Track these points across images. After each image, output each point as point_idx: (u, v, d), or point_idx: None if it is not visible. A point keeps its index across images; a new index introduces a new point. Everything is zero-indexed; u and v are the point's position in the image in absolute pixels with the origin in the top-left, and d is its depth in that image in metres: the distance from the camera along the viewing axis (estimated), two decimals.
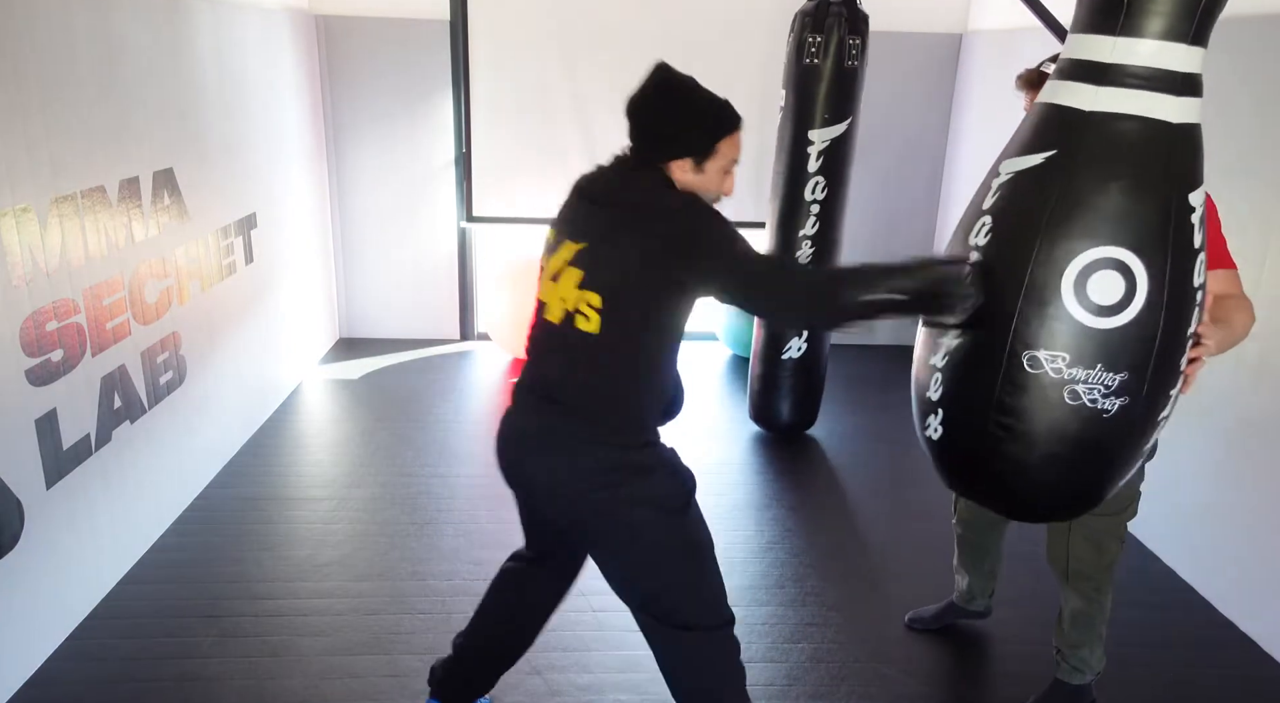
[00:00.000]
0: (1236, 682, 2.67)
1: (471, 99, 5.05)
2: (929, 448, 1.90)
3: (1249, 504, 2.86)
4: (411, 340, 5.44)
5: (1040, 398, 1.67)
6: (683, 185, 1.86)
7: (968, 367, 1.75)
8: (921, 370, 1.88)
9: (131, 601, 2.85)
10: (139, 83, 3.03)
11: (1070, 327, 1.63)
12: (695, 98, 1.88)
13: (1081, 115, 1.62)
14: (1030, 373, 1.66)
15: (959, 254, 1.80)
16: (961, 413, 1.78)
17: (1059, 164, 1.63)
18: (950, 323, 1.77)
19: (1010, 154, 1.74)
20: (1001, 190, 1.72)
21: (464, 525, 3.37)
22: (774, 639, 2.78)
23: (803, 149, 3.79)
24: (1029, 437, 1.71)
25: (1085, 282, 1.61)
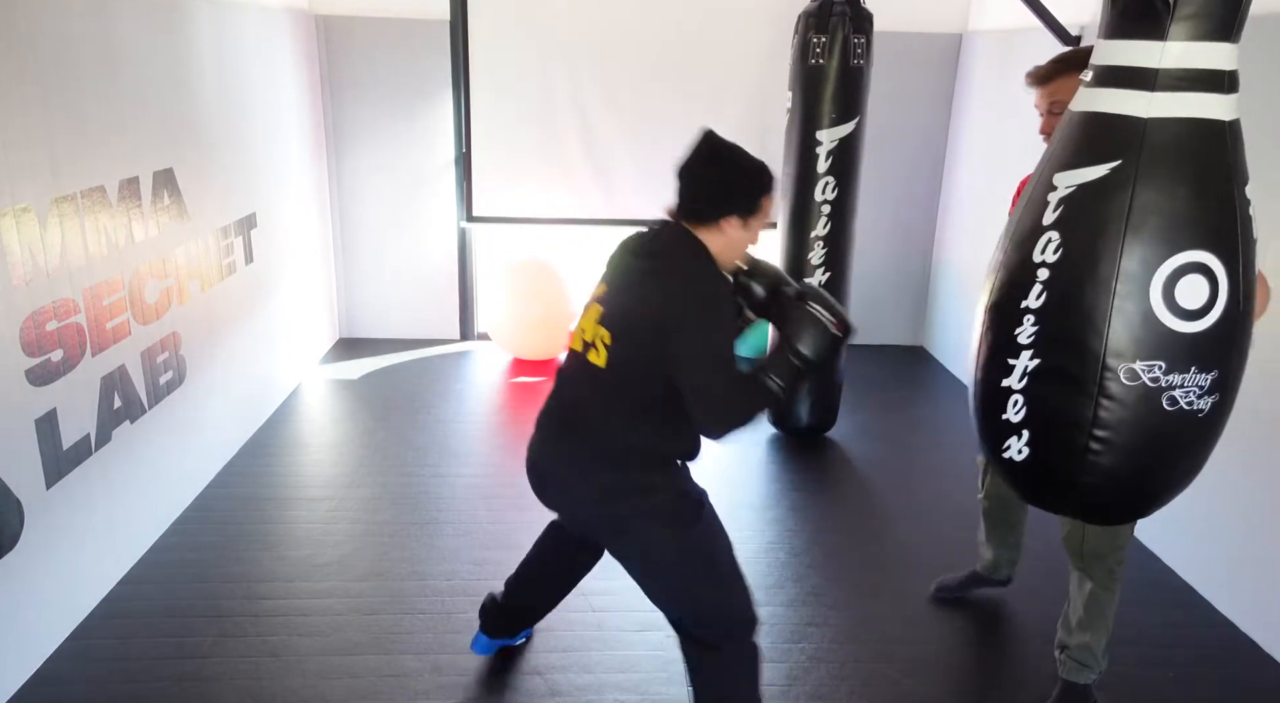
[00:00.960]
0: (1236, 682, 2.67)
1: (471, 99, 5.05)
2: (1006, 469, 1.87)
3: (1249, 504, 2.86)
4: (411, 340, 5.44)
5: (1141, 409, 1.69)
6: (725, 242, 2.03)
7: (1056, 385, 1.73)
8: (990, 393, 1.83)
9: (131, 601, 2.85)
10: (139, 83, 3.04)
11: (1163, 334, 1.65)
12: (744, 161, 2.03)
13: (1139, 122, 1.62)
14: (1128, 385, 1.67)
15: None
16: (1052, 432, 1.76)
17: (1125, 174, 1.63)
18: None
19: (1062, 166, 1.71)
20: (1065, 205, 1.69)
21: (464, 525, 3.37)
22: (774, 639, 2.78)
23: (811, 150, 3.81)
24: (1127, 448, 1.72)
25: (1173, 288, 1.64)
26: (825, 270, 3.96)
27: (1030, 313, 1.73)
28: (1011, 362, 1.77)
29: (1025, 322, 1.74)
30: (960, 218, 5.13)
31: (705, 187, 2.01)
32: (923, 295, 5.55)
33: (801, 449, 4.16)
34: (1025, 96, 2.55)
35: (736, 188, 2.00)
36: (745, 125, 5.12)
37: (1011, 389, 1.78)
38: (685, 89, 5.01)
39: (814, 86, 3.73)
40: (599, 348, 2.00)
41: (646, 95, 5.03)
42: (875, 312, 5.44)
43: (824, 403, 4.18)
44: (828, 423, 4.25)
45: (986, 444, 1.90)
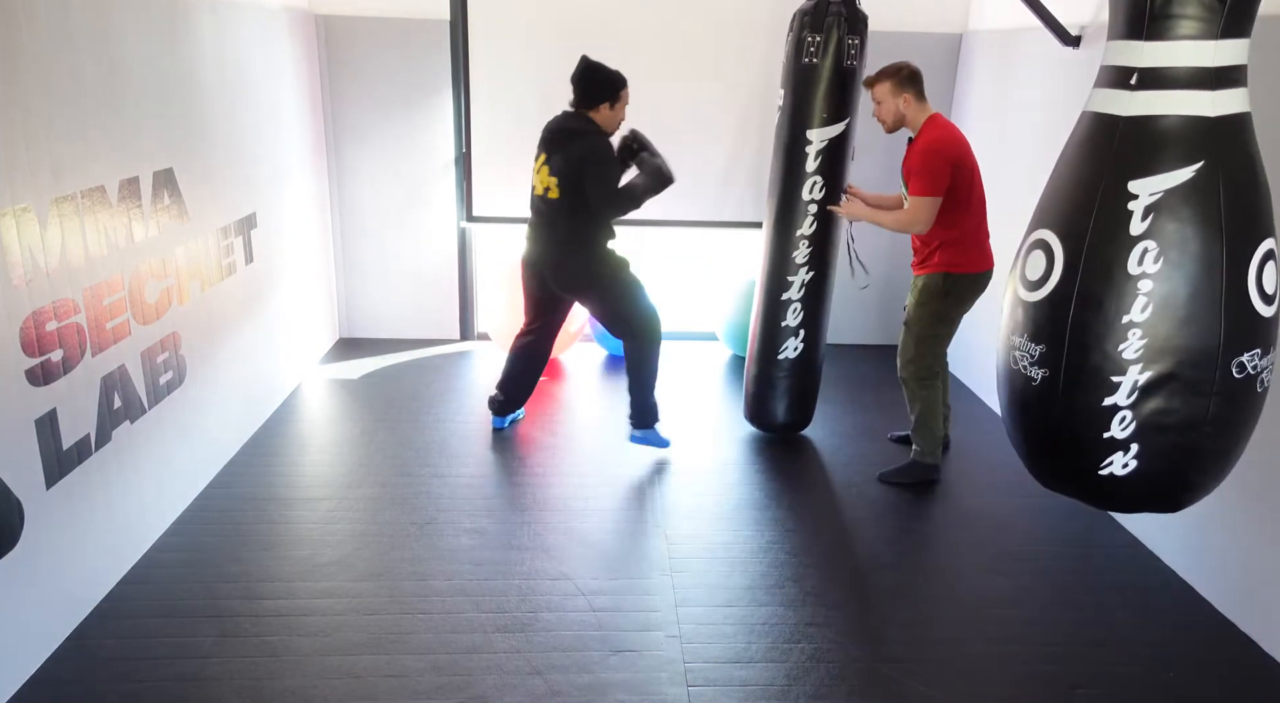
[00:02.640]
0: (1237, 682, 2.67)
1: (471, 99, 5.05)
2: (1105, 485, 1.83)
3: (1249, 505, 2.86)
4: (411, 340, 5.44)
5: (1244, 398, 1.72)
6: (602, 118, 3.69)
7: (1169, 396, 1.72)
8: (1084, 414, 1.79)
9: (131, 601, 2.85)
10: (139, 83, 3.04)
11: (1257, 322, 1.69)
12: (606, 70, 3.67)
13: (1208, 121, 1.65)
14: (1237, 379, 1.70)
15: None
16: (1166, 441, 1.75)
17: (1208, 173, 1.65)
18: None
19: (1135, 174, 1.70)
20: (1155, 213, 1.68)
21: (464, 525, 3.37)
22: (774, 639, 2.78)
23: (801, 148, 3.78)
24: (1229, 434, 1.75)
25: (1261, 277, 1.67)
26: (809, 269, 3.92)
27: (1135, 327, 1.70)
28: (1117, 379, 1.74)
29: (1130, 336, 1.71)
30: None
31: (586, 88, 3.65)
32: None
33: (801, 450, 4.16)
34: (1025, 97, 2.56)
35: (603, 87, 3.65)
36: (745, 124, 5.14)
37: (1118, 406, 1.75)
38: (685, 88, 5.01)
39: (806, 85, 3.71)
40: (553, 189, 3.69)
41: (646, 95, 5.02)
42: (871, 312, 5.45)
43: (803, 401, 4.16)
44: (804, 420, 4.25)
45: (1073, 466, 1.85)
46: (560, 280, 3.84)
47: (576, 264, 3.77)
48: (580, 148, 3.58)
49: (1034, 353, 1.84)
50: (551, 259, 3.80)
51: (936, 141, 3.43)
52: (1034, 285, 1.85)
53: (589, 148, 3.58)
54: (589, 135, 3.61)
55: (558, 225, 3.73)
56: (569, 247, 3.76)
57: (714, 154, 5.17)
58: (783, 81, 3.80)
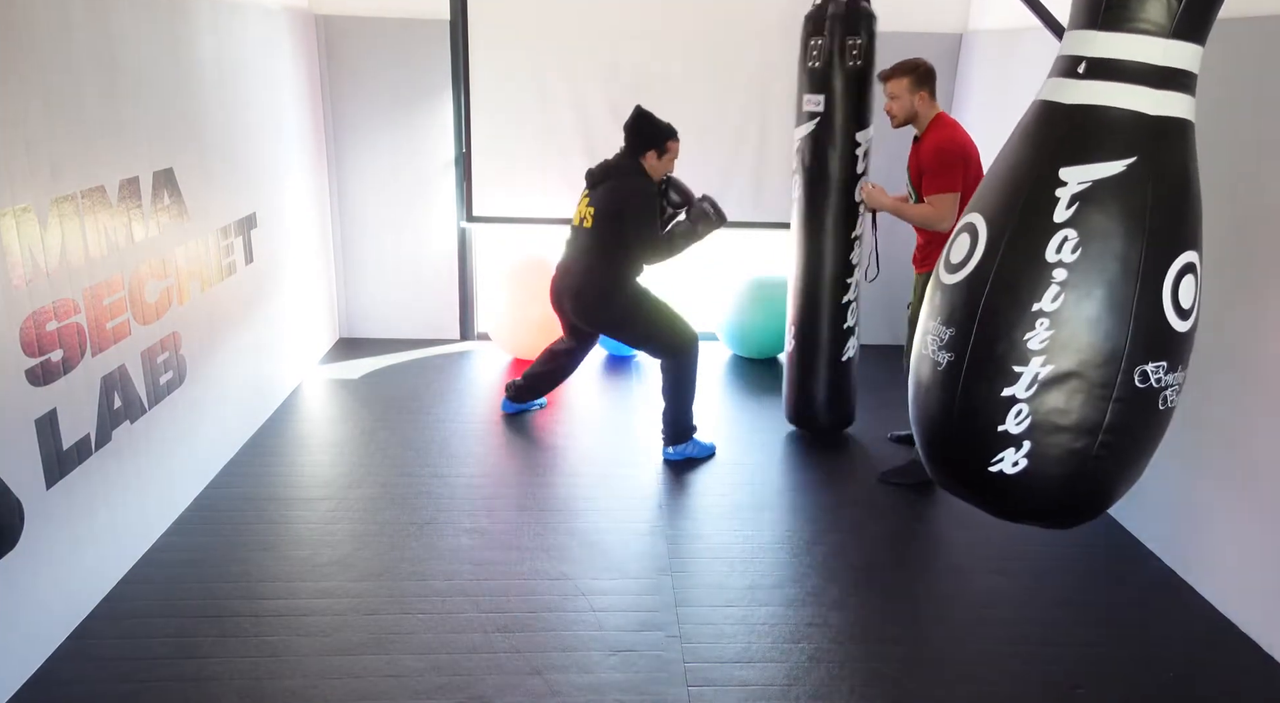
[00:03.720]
0: (1236, 682, 2.67)
1: (471, 99, 5.05)
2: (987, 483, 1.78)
3: (1249, 504, 2.86)
4: (411, 340, 5.44)
5: (1145, 411, 1.67)
6: (650, 166, 3.79)
7: (1069, 395, 1.66)
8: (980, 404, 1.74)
9: (131, 601, 2.85)
10: (139, 83, 3.03)
11: (1168, 334, 1.64)
12: (654, 120, 3.80)
13: (1147, 119, 1.61)
14: (1139, 388, 1.64)
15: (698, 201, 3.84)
16: (1059, 443, 1.70)
17: (1139, 170, 1.61)
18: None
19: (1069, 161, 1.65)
20: (1080, 202, 1.63)
21: (464, 525, 3.37)
22: (774, 639, 2.78)
23: (852, 151, 3.86)
24: (1126, 450, 1.70)
25: (1177, 288, 1.63)
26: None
27: (1044, 316, 1.65)
28: (1018, 369, 1.68)
29: (1038, 326, 1.66)
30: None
31: (634, 137, 3.78)
32: None
33: (802, 450, 4.16)
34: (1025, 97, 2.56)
35: (650, 137, 3.76)
36: (745, 124, 5.14)
37: (1015, 398, 1.69)
38: (685, 89, 5.01)
39: (853, 89, 3.78)
40: (589, 219, 3.81)
41: (647, 95, 5.02)
42: (875, 312, 5.44)
43: (840, 401, 4.19)
44: (845, 419, 4.27)
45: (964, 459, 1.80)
46: (578, 311, 3.87)
47: (594, 295, 3.81)
48: (622, 187, 3.72)
49: (944, 337, 1.79)
50: (571, 288, 3.84)
51: (950, 140, 3.45)
52: (954, 268, 1.81)
53: (630, 188, 3.71)
54: (632, 176, 3.74)
55: (586, 255, 3.80)
56: (590, 276, 3.80)
57: (714, 155, 5.16)
58: (816, 86, 3.79)
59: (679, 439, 3.95)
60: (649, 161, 3.75)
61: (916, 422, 1.91)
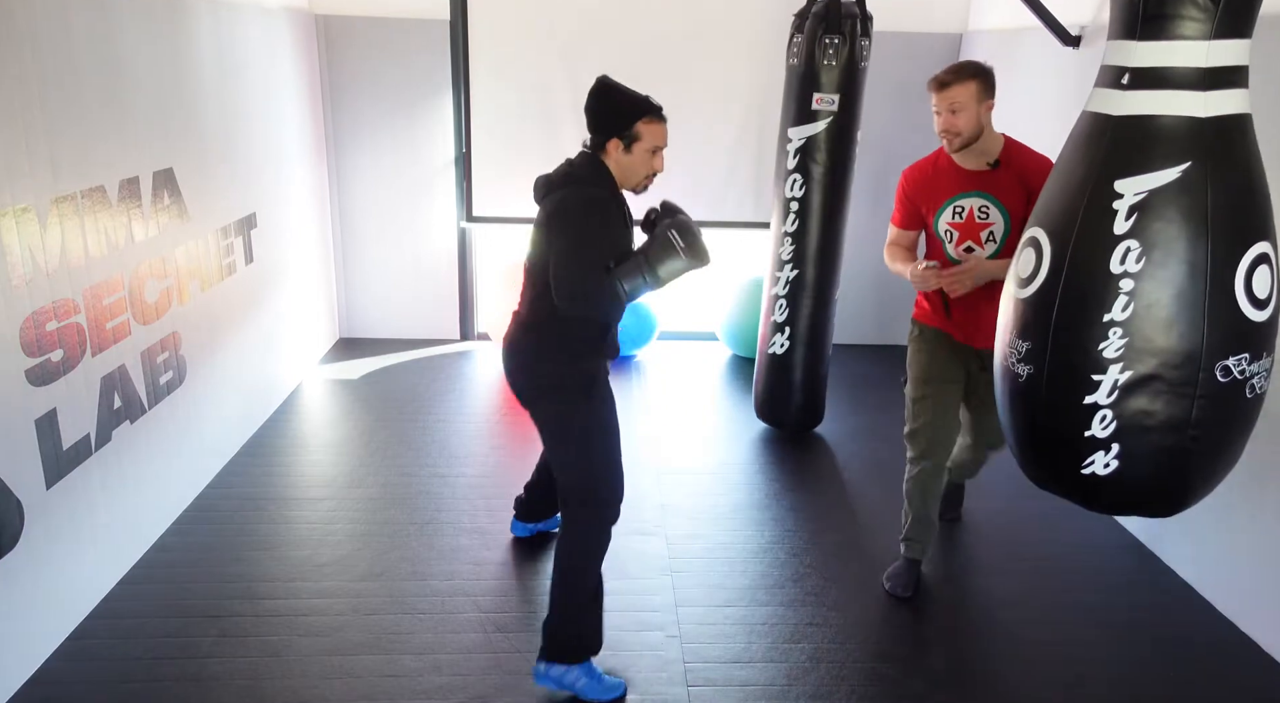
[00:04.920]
0: (1237, 682, 2.67)
1: (471, 99, 5.05)
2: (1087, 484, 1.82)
3: (1249, 505, 2.86)
4: (411, 340, 5.44)
5: (1232, 402, 1.70)
6: (617, 165, 2.46)
7: (1151, 398, 1.70)
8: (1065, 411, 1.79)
9: (131, 601, 2.85)
10: (139, 83, 3.03)
11: (1246, 327, 1.67)
12: (619, 92, 2.49)
13: (1199, 122, 1.63)
14: (1223, 383, 1.68)
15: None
16: (1148, 442, 1.74)
17: (1196, 174, 1.64)
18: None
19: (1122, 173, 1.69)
20: (1139, 213, 1.67)
21: (464, 525, 3.37)
22: (774, 639, 2.78)
23: (853, 149, 3.92)
24: (1218, 440, 1.74)
25: (1250, 280, 1.66)
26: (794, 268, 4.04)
27: (1116, 326, 1.70)
28: (1097, 378, 1.73)
29: (1111, 335, 1.70)
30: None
31: (590, 117, 2.49)
32: None
33: (801, 450, 4.16)
34: (1025, 97, 2.55)
35: (610, 114, 2.44)
36: (746, 124, 5.14)
37: (1098, 405, 1.74)
38: (685, 89, 5.01)
39: (857, 89, 3.82)
40: (531, 254, 2.50)
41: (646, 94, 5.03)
42: (871, 312, 5.45)
43: (810, 400, 4.20)
44: (814, 420, 4.28)
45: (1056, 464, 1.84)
46: (507, 371, 2.62)
47: (522, 360, 2.55)
48: (554, 201, 2.43)
49: (1021, 350, 1.84)
50: (505, 343, 2.62)
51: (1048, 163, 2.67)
52: (1024, 283, 1.85)
53: (562, 201, 2.41)
54: (576, 184, 2.43)
55: (522, 303, 2.58)
56: (520, 333, 2.55)
57: (713, 154, 5.17)
58: (833, 86, 3.80)
59: (560, 654, 2.50)
60: (614, 158, 2.45)
61: (1008, 429, 1.97)
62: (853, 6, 3.73)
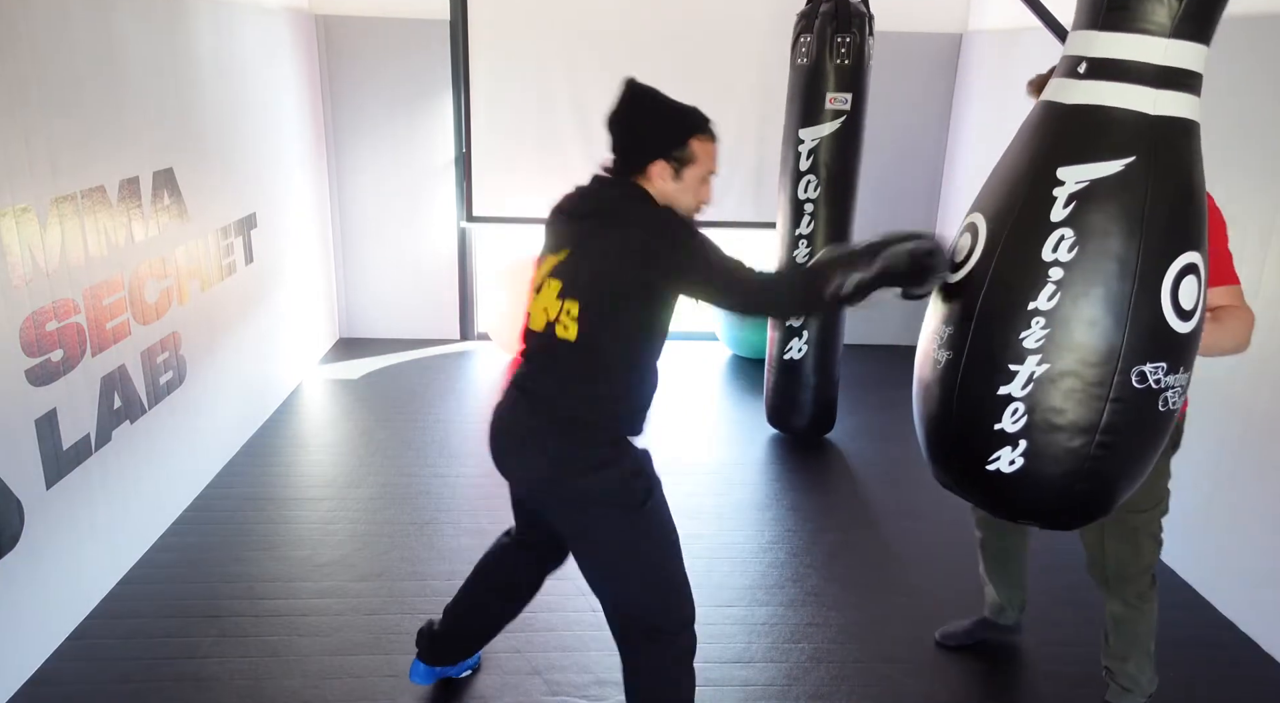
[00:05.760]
0: (1236, 682, 2.67)
1: (471, 99, 5.05)
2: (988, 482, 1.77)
3: (1249, 504, 2.86)
4: (411, 340, 5.44)
5: (1144, 411, 1.66)
6: (661, 195, 1.94)
7: (1064, 394, 1.66)
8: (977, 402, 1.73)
9: (131, 601, 2.85)
10: (139, 83, 3.03)
11: (1167, 335, 1.63)
12: (665, 102, 1.98)
13: (1147, 119, 1.60)
14: (1137, 389, 1.64)
15: (920, 232, 1.88)
16: (1055, 442, 1.69)
17: (1138, 170, 1.60)
18: (918, 294, 1.84)
19: (1066, 160, 1.66)
20: (1078, 201, 1.63)
21: (464, 525, 3.37)
22: (774, 639, 2.78)
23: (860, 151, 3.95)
24: (1126, 451, 1.69)
25: (1177, 288, 1.62)
26: None
27: (1040, 315, 1.65)
28: (1014, 368, 1.68)
29: (1034, 324, 1.66)
30: (959, 217, 5.12)
31: (625, 133, 1.98)
32: None
33: (801, 449, 4.16)
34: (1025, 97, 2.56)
35: (657, 130, 1.95)
36: (746, 125, 5.13)
37: (1011, 397, 1.69)
38: (686, 89, 4.98)
39: (865, 88, 3.85)
40: (565, 322, 1.92)
41: None
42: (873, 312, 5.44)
43: (822, 405, 4.19)
44: (826, 425, 4.26)
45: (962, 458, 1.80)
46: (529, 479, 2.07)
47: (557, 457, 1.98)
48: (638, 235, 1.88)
49: (944, 335, 1.80)
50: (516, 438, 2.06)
51: None
52: (956, 267, 1.82)
53: (657, 227, 1.89)
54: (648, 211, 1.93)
55: (557, 381, 1.98)
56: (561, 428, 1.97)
57: None
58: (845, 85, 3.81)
59: None
60: (657, 186, 1.94)
61: (918, 419, 1.92)
62: (860, 5, 3.73)
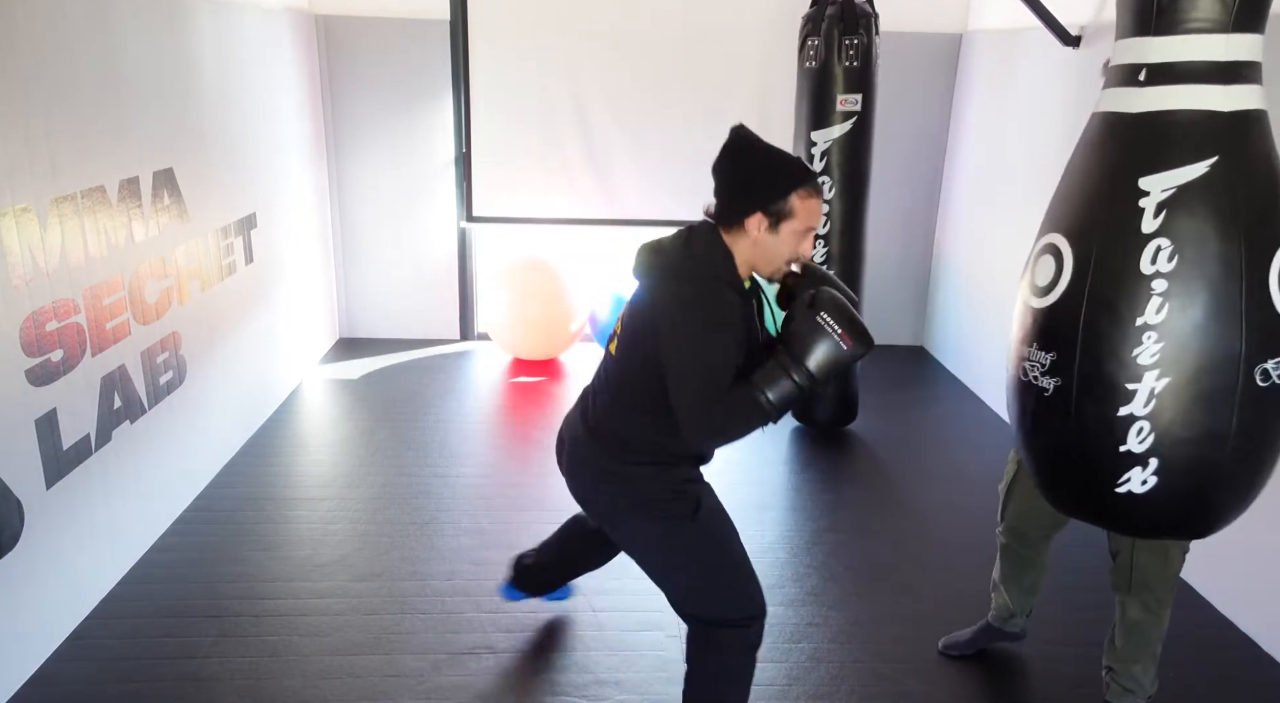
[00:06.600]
0: (1237, 682, 2.67)
1: (471, 99, 5.05)
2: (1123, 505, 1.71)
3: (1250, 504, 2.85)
4: (411, 340, 5.44)
5: (1271, 410, 1.62)
6: (754, 245, 1.95)
7: (1190, 406, 1.60)
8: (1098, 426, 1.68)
9: (131, 601, 2.85)
10: (139, 83, 3.03)
11: None
12: (768, 152, 1.98)
13: (1221, 116, 1.59)
14: (1262, 387, 1.60)
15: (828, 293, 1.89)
16: (1189, 454, 1.64)
17: (1224, 168, 1.58)
18: None
19: (1145, 170, 1.62)
20: (1168, 210, 1.60)
21: (464, 525, 3.37)
22: (774, 639, 2.77)
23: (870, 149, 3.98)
24: (1256, 453, 1.65)
25: None
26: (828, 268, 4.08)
27: (1151, 330, 1.60)
28: (1132, 387, 1.62)
29: (1145, 340, 1.60)
30: (961, 218, 5.13)
31: (725, 181, 1.99)
32: (923, 296, 5.55)
33: (802, 449, 4.16)
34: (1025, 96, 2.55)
35: (755, 182, 1.94)
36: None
37: (1134, 416, 1.63)
38: (686, 89, 5.01)
39: (874, 88, 3.88)
40: (616, 337, 2.09)
41: (647, 95, 5.02)
42: (876, 312, 5.43)
43: (844, 396, 4.21)
44: (849, 416, 4.28)
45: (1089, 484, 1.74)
46: (569, 475, 2.24)
47: (603, 472, 2.13)
48: (661, 293, 1.96)
49: (1044, 362, 1.74)
50: (568, 440, 2.22)
51: None
52: (1043, 291, 1.76)
53: (674, 301, 1.93)
54: (688, 273, 1.96)
55: (604, 397, 2.13)
56: (598, 441, 2.12)
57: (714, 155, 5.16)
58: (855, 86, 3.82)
59: None
60: (752, 237, 1.95)
61: (1029, 452, 1.85)
62: (865, 6, 3.73)
